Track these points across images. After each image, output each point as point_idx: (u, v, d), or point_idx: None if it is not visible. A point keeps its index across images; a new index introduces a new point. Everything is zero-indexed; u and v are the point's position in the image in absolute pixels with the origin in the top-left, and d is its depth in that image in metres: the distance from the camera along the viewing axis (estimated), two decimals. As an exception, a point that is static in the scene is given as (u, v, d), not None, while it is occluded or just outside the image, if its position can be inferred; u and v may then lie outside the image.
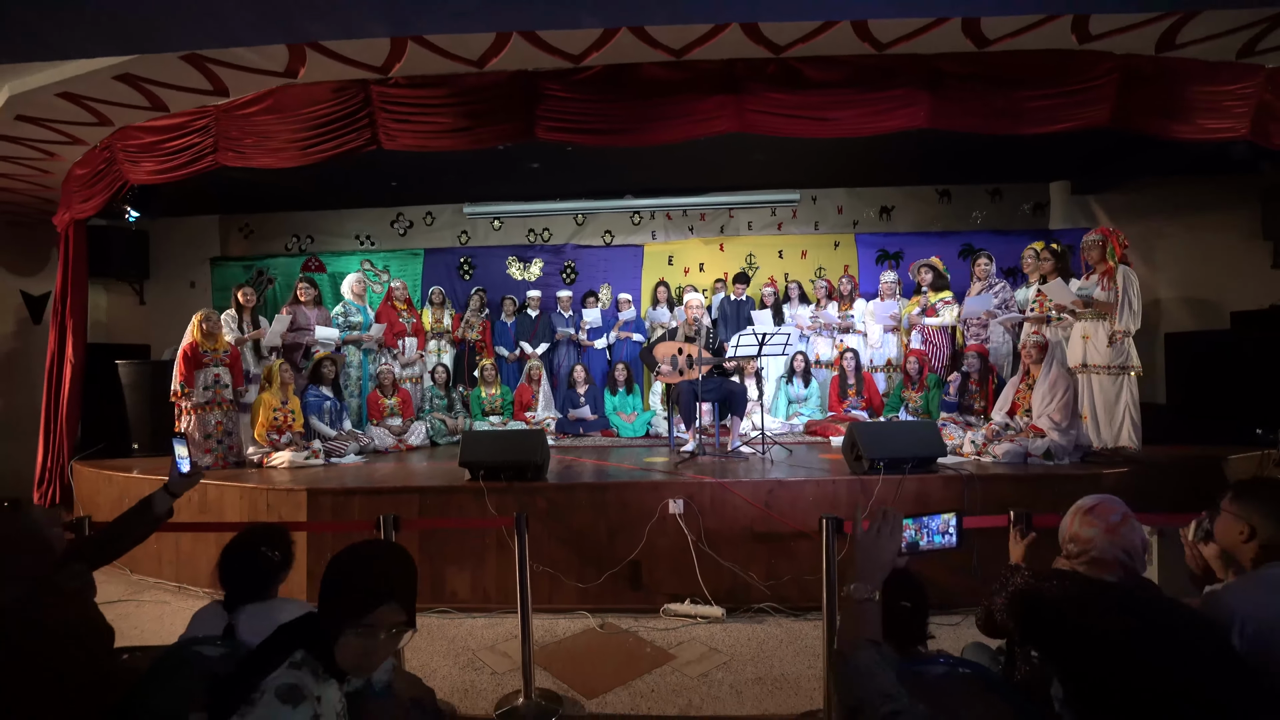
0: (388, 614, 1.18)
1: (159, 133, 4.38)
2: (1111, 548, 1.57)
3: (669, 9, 2.75)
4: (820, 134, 3.98)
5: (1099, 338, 4.04)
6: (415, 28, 2.97)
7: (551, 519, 3.84)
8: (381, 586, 1.20)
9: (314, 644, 1.15)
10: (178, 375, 4.67)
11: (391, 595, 1.20)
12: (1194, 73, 3.90)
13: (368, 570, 1.21)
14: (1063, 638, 0.91)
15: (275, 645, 1.14)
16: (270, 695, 1.04)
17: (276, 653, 1.13)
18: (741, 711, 2.84)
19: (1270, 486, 1.79)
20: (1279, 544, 1.71)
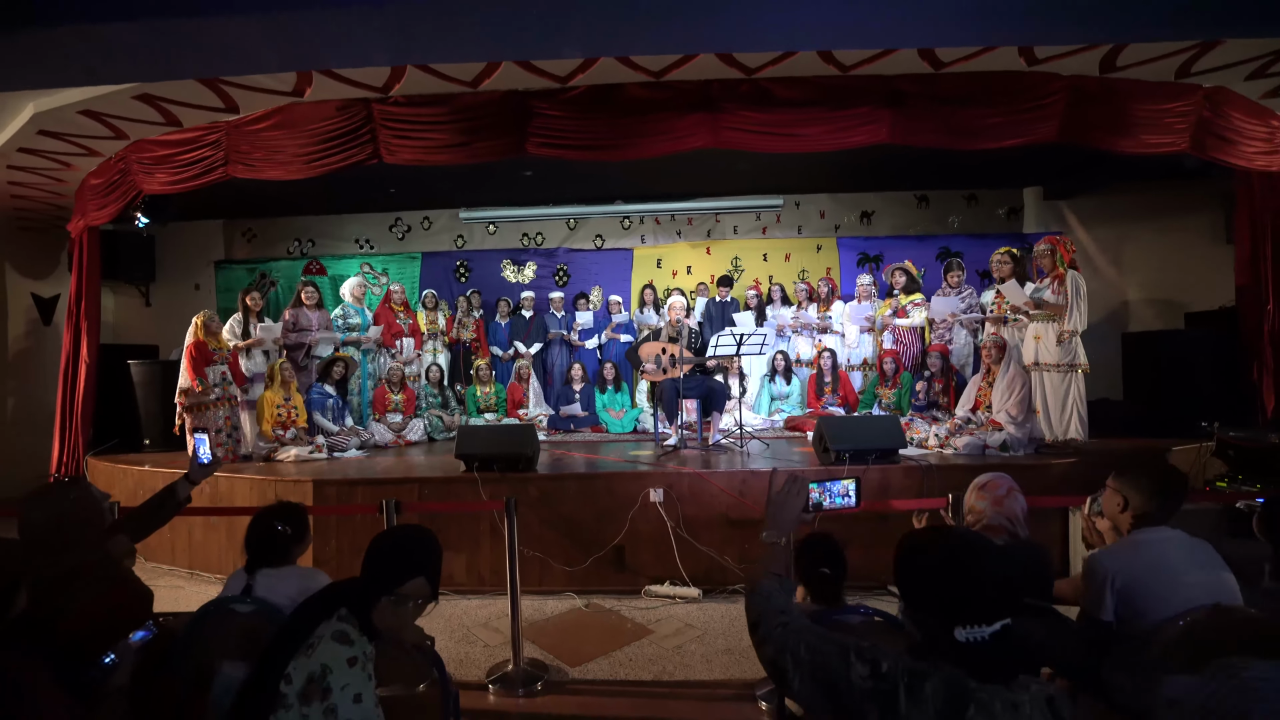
0: (418, 586, 1.48)
1: (172, 146, 4.69)
2: (998, 515, 1.90)
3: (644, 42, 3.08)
4: (790, 149, 4.31)
5: (1049, 338, 4.37)
6: (415, 58, 3.28)
7: (541, 507, 4.16)
8: (414, 563, 1.49)
9: (353, 606, 1.46)
10: (187, 374, 4.97)
11: (422, 571, 1.50)
12: (1135, 92, 4.24)
13: (404, 549, 1.51)
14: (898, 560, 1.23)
15: (323, 604, 1.45)
16: (328, 639, 1.35)
17: (325, 609, 1.44)
18: (710, 677, 3.16)
19: (1142, 466, 2.12)
20: (1147, 512, 2.05)
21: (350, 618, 1.39)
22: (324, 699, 1.26)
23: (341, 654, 1.31)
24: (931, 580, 1.18)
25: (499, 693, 3.04)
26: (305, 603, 1.45)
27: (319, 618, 1.37)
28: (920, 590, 1.20)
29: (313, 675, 1.27)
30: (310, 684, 1.27)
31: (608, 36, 2.89)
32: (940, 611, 1.15)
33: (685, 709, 2.91)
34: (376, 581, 1.44)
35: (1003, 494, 1.92)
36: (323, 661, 1.29)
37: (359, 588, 1.44)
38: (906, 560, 1.26)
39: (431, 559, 1.51)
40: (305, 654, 1.30)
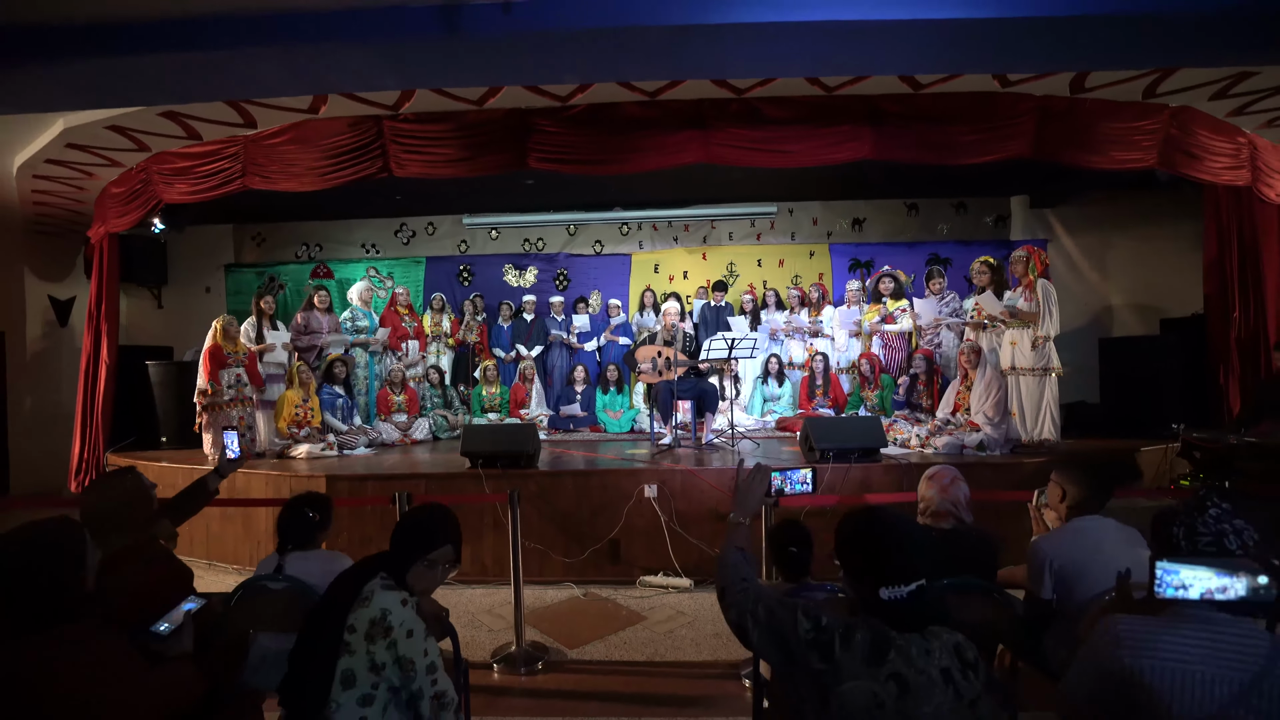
0: (445, 553, 1.76)
1: (192, 158, 4.96)
2: (944, 502, 2.16)
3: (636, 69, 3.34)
4: (778, 164, 4.58)
5: (1024, 343, 4.62)
6: (423, 83, 3.55)
7: (541, 502, 4.42)
8: (442, 534, 1.77)
9: (390, 570, 1.72)
10: (204, 375, 5.23)
11: (448, 540, 1.78)
12: (1104, 112, 4.49)
13: (433, 522, 1.79)
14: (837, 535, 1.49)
15: (363, 570, 1.71)
16: (379, 590, 1.62)
17: (366, 574, 1.70)
18: (699, 659, 3.43)
19: (1080, 461, 2.38)
20: (1081, 502, 2.31)
21: (389, 579, 1.65)
22: (386, 636, 1.54)
23: (394, 598, 1.59)
24: (860, 550, 1.44)
25: (503, 671, 3.30)
26: (347, 571, 1.72)
27: (364, 579, 1.64)
28: (853, 558, 1.46)
29: (374, 619, 1.55)
30: (373, 626, 1.54)
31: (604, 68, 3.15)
32: (868, 575, 1.41)
33: (675, 686, 3.17)
34: (410, 549, 1.70)
35: (947, 483, 2.18)
36: (381, 606, 1.56)
37: (393, 556, 1.70)
38: (842, 535, 1.52)
39: (455, 531, 1.78)
40: (362, 605, 1.57)
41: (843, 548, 1.48)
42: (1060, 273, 7.84)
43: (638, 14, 2.85)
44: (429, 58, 3.14)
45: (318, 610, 1.65)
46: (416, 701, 1.63)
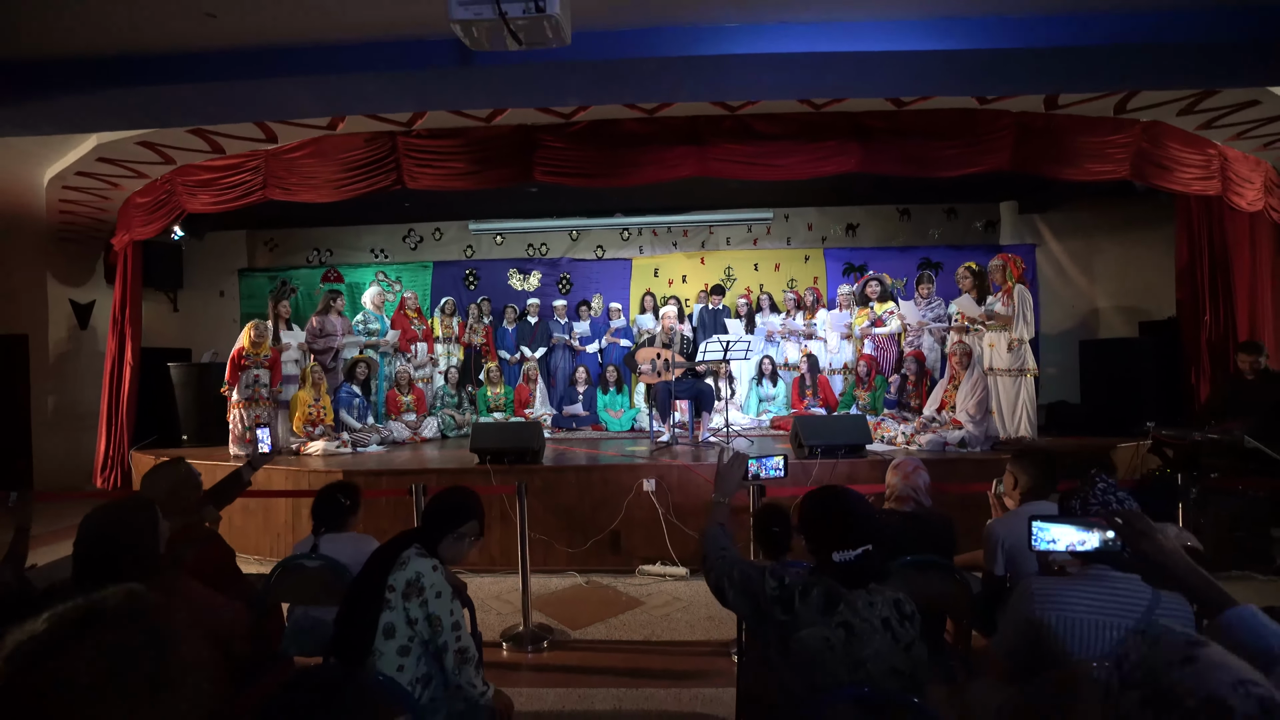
0: (471, 527, 2.06)
1: (216, 171, 5.26)
2: (905, 488, 2.44)
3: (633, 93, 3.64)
4: (769, 177, 4.87)
5: (1001, 345, 4.90)
6: (436, 106, 3.84)
7: (545, 495, 4.70)
8: (467, 511, 2.07)
9: (423, 542, 2.01)
10: (228, 375, 5.54)
11: (473, 516, 2.07)
12: (1078, 127, 4.78)
13: (460, 501, 2.08)
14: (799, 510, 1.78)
15: (402, 540, 2.01)
16: (415, 557, 1.91)
17: (404, 543, 1.99)
18: (692, 638, 3.71)
19: (1031, 451, 2.67)
20: (1032, 489, 2.59)
21: (423, 549, 1.95)
22: (420, 595, 1.83)
23: (427, 564, 1.88)
24: (817, 520, 1.73)
25: (511, 649, 3.59)
26: (388, 542, 2.01)
27: (402, 548, 1.94)
28: (811, 527, 1.75)
29: (410, 580, 1.84)
30: (409, 586, 1.84)
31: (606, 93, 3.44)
32: (823, 542, 1.70)
33: (669, 662, 3.46)
34: (442, 524, 2.00)
35: (909, 471, 2.47)
36: (416, 570, 1.86)
37: (427, 530, 2.00)
38: (803, 509, 1.81)
39: (479, 508, 2.08)
40: (400, 568, 1.87)
41: (804, 519, 1.77)
42: (1048, 277, 8.12)
43: (639, 47, 3.15)
44: (443, 84, 3.44)
45: (363, 573, 1.95)
46: (442, 654, 1.93)
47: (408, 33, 3.14)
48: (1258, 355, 4.55)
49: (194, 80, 3.33)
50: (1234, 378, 4.81)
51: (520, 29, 1.88)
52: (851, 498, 1.75)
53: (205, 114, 3.78)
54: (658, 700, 3.07)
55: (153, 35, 3.15)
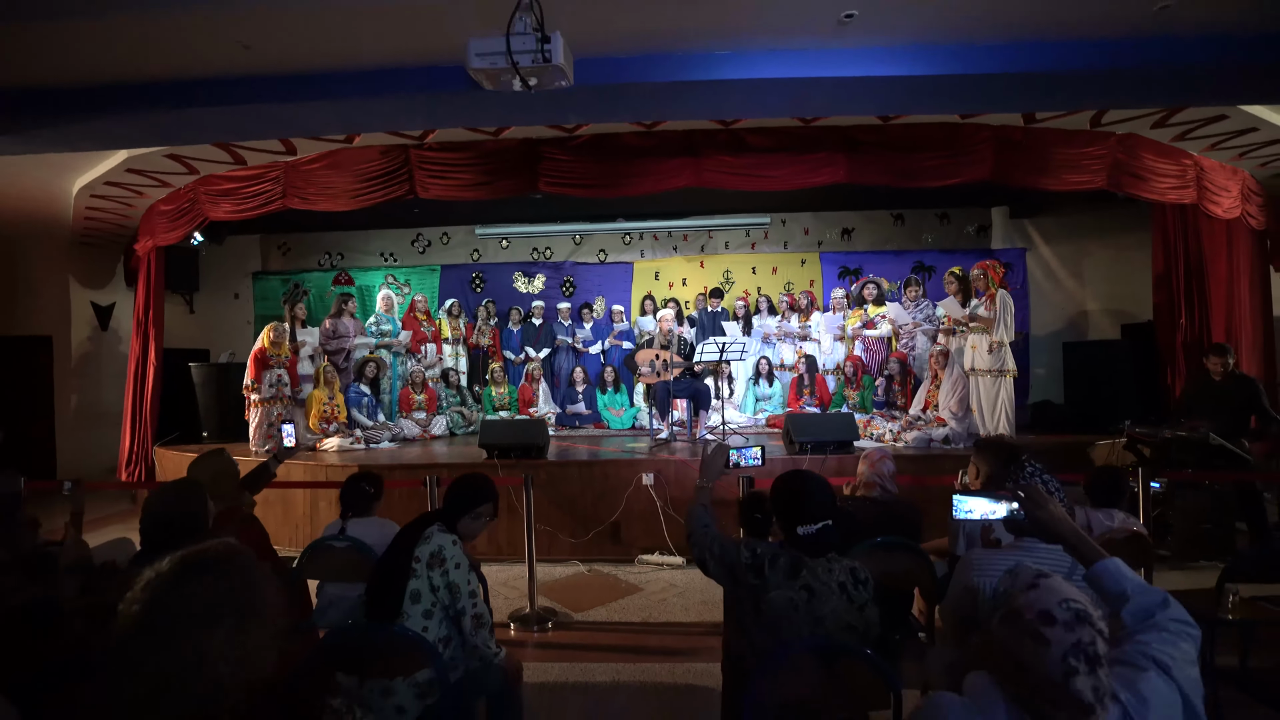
0: (486, 509, 2.36)
1: (237, 181, 5.57)
2: (871, 475, 2.73)
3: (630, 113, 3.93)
4: (761, 188, 5.15)
5: (983, 347, 5.17)
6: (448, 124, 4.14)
7: (550, 488, 4.99)
8: (483, 493, 2.36)
9: (444, 521, 2.31)
10: (250, 374, 5.85)
11: (488, 499, 2.37)
12: (1056, 139, 5.05)
13: (477, 485, 2.38)
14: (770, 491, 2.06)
15: (427, 519, 2.30)
16: (437, 532, 2.21)
17: (428, 521, 2.28)
18: (687, 620, 4.00)
19: (993, 442, 2.94)
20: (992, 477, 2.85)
21: (444, 526, 2.25)
22: (441, 565, 2.13)
23: (448, 539, 2.18)
24: (784, 499, 2.01)
25: (518, 629, 3.89)
26: (415, 520, 2.31)
27: (427, 525, 2.23)
28: (779, 505, 2.04)
29: (433, 553, 2.14)
30: (433, 558, 2.13)
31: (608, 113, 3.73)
32: (789, 517, 1.99)
33: (665, 641, 3.75)
34: (461, 505, 2.29)
35: (875, 460, 2.75)
36: (438, 544, 2.15)
37: (448, 510, 2.29)
38: (774, 489, 2.10)
39: (493, 492, 2.38)
40: (424, 542, 2.16)
41: (774, 498, 2.06)
42: (1038, 280, 8.38)
43: (635, 73, 3.44)
44: (454, 106, 3.73)
45: (392, 547, 2.24)
46: (460, 618, 2.22)
47: (423, 60, 3.44)
48: (1225, 357, 4.79)
49: (227, 104, 3.63)
50: (1202, 377, 5.05)
51: (528, 74, 2.17)
52: (813, 481, 2.03)
53: (234, 132, 4.09)
54: (653, 674, 3.36)
55: (191, 63, 3.45)
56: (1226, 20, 3.17)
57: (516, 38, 2.08)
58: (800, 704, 1.83)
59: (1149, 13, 3.10)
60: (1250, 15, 3.12)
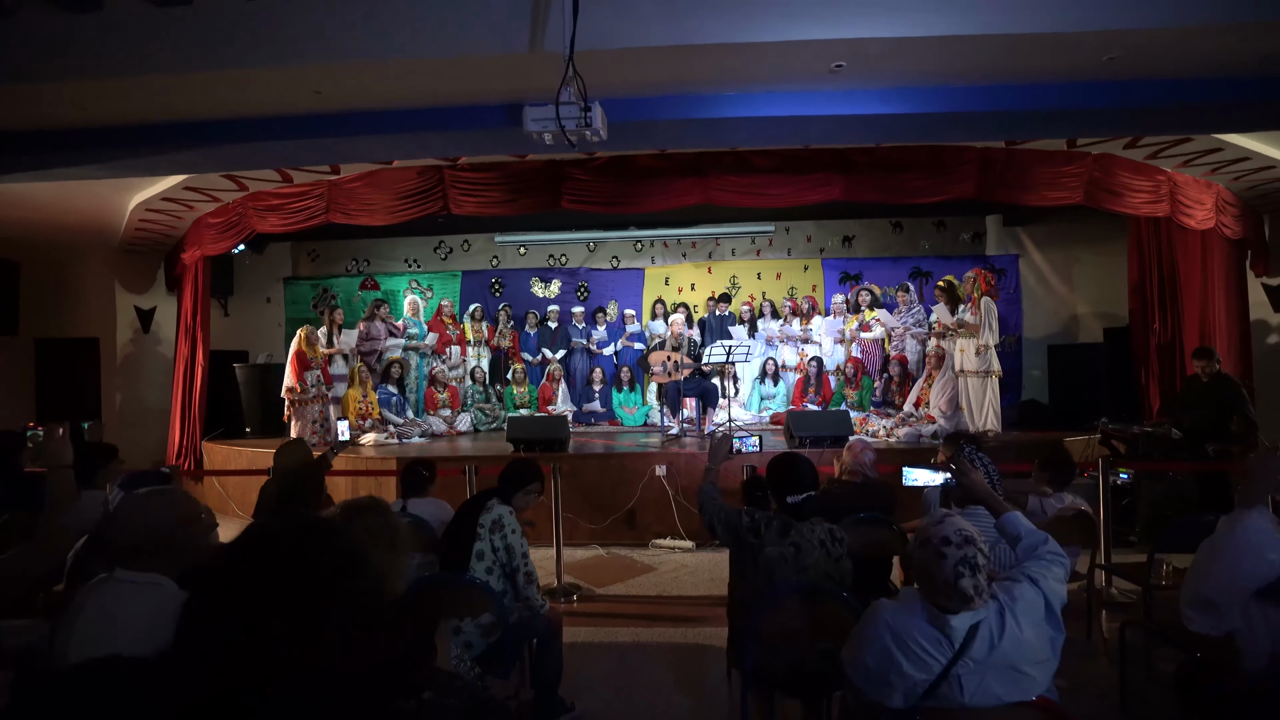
0: (535, 486, 2.91)
1: (284, 197, 6.14)
2: (854, 464, 3.26)
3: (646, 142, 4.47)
4: (763, 205, 5.68)
5: (970, 350, 5.67)
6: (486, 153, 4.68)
7: (571, 479, 5.52)
8: (533, 473, 2.91)
9: (500, 496, 2.85)
10: (291, 375, 6.42)
11: (537, 478, 2.92)
12: (1034, 159, 5.55)
13: (528, 467, 2.92)
14: (768, 467, 2.60)
15: (487, 494, 2.85)
16: (497, 504, 2.75)
17: (489, 495, 2.83)
18: (697, 594, 4.53)
19: (952, 434, 3.47)
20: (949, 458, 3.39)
21: (503, 500, 2.79)
22: (500, 531, 2.68)
23: (506, 510, 2.73)
24: (776, 473, 2.55)
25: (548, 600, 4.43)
26: (475, 496, 2.86)
27: (488, 498, 2.78)
28: (773, 478, 2.57)
29: (495, 520, 2.69)
30: (494, 525, 2.68)
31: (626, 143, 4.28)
32: (780, 488, 2.52)
33: (676, 610, 4.29)
34: (515, 483, 2.84)
35: (857, 451, 3.29)
36: (499, 513, 2.70)
37: (504, 487, 2.84)
38: (769, 466, 2.63)
39: (540, 473, 2.92)
40: (487, 512, 2.71)
41: (769, 473, 2.60)
42: (1031, 285, 8.85)
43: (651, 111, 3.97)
44: (493, 138, 4.28)
45: (460, 515, 2.79)
46: (515, 574, 2.76)
47: (471, 100, 3.99)
48: (1209, 360, 5.26)
49: (295, 138, 4.18)
50: (1191, 379, 5.53)
51: (572, 135, 2.70)
52: (801, 461, 2.57)
53: (295, 160, 4.65)
54: (667, 636, 3.90)
55: (266, 104, 4.00)
56: (1165, 68, 3.67)
57: (564, 106, 2.63)
58: (788, 634, 2.36)
59: (1099, 61, 3.61)
60: (1184, 65, 3.63)
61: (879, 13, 3.20)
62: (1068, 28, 3.24)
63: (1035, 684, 1.60)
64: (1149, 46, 3.42)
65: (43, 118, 4.12)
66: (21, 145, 4.28)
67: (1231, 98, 3.77)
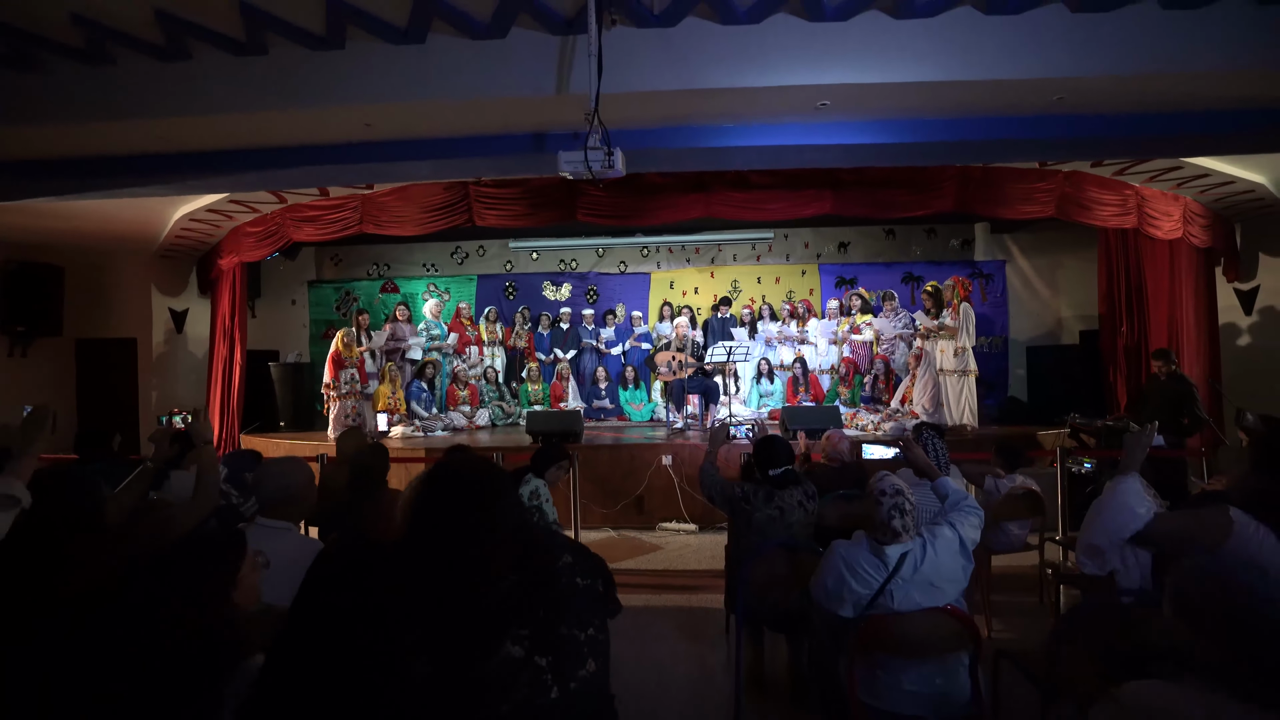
0: (565, 463, 3.53)
1: (321, 209, 6.75)
2: (833, 450, 3.86)
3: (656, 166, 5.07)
4: (760, 218, 6.28)
5: (950, 351, 6.26)
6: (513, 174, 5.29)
7: (584, 468, 6.10)
8: (561, 453, 3.54)
9: (535, 471, 3.46)
10: (329, 373, 7.04)
11: (566, 456, 3.55)
12: (1009, 176, 6.13)
13: (558, 447, 3.55)
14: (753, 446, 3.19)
15: (524, 469, 3.45)
16: (532, 478, 3.37)
17: (526, 470, 3.43)
18: (699, 568, 5.13)
19: (923, 425, 4.06)
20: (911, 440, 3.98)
21: (537, 474, 3.40)
22: (536, 498, 3.28)
23: (539, 482, 3.35)
24: (759, 450, 3.15)
25: (566, 572, 5.03)
26: (513, 470, 3.46)
27: (525, 473, 3.39)
28: (757, 455, 3.17)
29: (531, 490, 3.30)
30: (531, 494, 3.29)
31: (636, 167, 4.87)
32: (764, 463, 3.12)
33: (682, 580, 4.89)
34: (547, 460, 3.45)
35: (835, 439, 3.89)
36: (535, 484, 3.31)
37: (537, 463, 3.44)
38: (754, 446, 3.23)
39: (567, 453, 3.53)
40: (525, 484, 3.32)
41: (754, 451, 3.20)
42: (1017, 289, 9.42)
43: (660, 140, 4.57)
44: (520, 163, 4.89)
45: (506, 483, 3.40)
46: (547, 533, 3.37)
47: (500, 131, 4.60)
48: (1166, 360, 5.84)
49: (344, 163, 4.79)
50: (1153, 378, 6.10)
51: (598, 174, 3.31)
52: (778, 441, 3.17)
53: (341, 180, 5.25)
54: (674, 601, 4.50)
55: (321, 135, 4.61)
56: (1108, 105, 4.26)
57: (591, 151, 3.22)
58: (774, 580, 2.96)
59: (1050, 101, 4.19)
60: (1124, 102, 4.22)
61: (852, 63, 3.81)
62: (1017, 75, 3.84)
63: (947, 596, 2.20)
64: (1090, 89, 4.01)
65: (121, 145, 4.74)
66: (101, 169, 4.89)
67: (1165, 131, 4.36)
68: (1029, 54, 3.78)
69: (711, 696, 3.25)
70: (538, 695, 1.24)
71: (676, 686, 3.36)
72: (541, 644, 1.27)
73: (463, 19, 3.68)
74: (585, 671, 1.31)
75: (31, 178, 4.90)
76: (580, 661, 1.32)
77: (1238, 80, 3.92)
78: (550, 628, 1.30)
